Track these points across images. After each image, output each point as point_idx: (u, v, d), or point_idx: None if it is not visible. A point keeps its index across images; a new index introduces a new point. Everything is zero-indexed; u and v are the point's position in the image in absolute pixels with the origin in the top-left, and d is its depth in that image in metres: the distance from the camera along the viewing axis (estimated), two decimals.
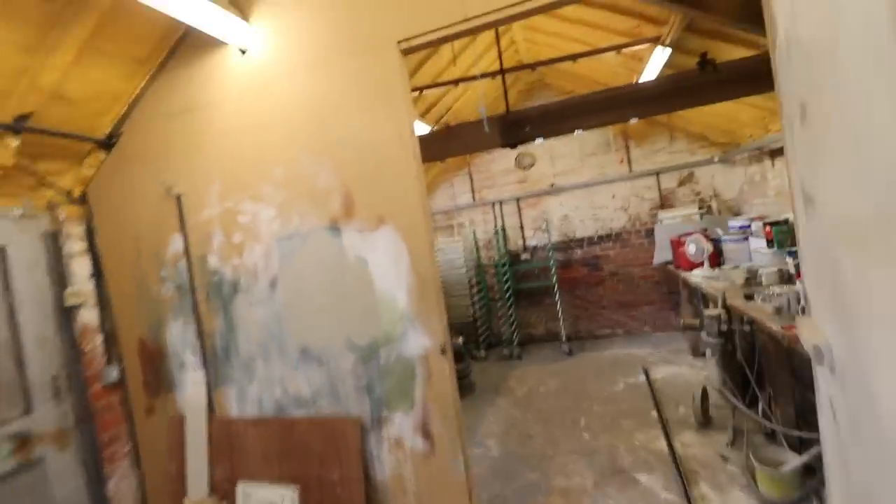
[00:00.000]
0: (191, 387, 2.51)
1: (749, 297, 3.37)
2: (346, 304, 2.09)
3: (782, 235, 3.97)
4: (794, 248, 3.58)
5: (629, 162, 6.38)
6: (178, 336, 2.53)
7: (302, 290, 2.18)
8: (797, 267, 3.48)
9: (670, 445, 3.45)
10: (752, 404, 3.35)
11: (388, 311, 2.02)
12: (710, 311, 3.30)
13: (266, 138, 2.19)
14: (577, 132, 2.68)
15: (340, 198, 2.06)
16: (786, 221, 4.02)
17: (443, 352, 1.96)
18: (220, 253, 2.33)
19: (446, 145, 2.89)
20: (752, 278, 3.89)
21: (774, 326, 2.70)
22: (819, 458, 2.44)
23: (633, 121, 2.66)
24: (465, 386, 5.32)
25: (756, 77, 2.35)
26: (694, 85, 2.41)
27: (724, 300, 3.51)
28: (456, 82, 4.07)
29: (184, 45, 2.40)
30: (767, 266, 3.93)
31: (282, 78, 2.18)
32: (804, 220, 1.30)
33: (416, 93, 4.16)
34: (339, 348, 2.13)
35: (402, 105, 1.96)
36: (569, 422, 4.19)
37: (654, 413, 4.07)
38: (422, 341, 1.99)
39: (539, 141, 2.77)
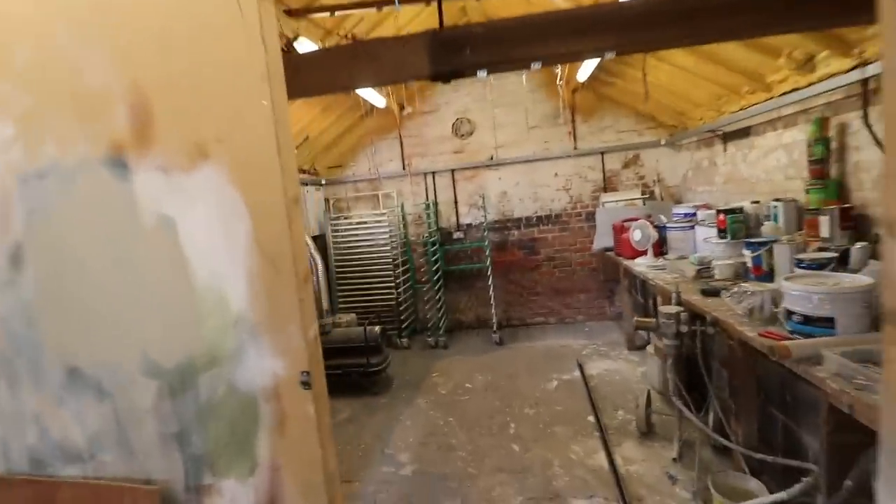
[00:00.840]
0: None
1: (708, 294, 2.91)
2: (141, 298, 1.22)
3: (737, 225, 3.59)
4: (751, 240, 3.17)
5: (574, 138, 5.86)
6: None
7: (66, 270, 1.26)
8: (756, 260, 3.09)
9: (611, 461, 2.96)
10: (699, 412, 2.94)
11: (214, 312, 1.18)
12: (667, 309, 2.80)
13: None
14: (534, 66, 1.95)
15: (128, 109, 1.15)
16: (741, 210, 3.64)
17: (305, 384, 1.16)
18: None
19: (351, 67, 2.03)
20: (704, 271, 3.49)
21: (748, 332, 2.21)
22: (803, 496, 2.00)
23: (609, 55, 1.97)
24: (381, 381, 4.58)
25: None
26: (719, 5, 1.74)
27: (678, 296, 3.04)
28: (377, 5, 3.17)
29: None
30: (720, 258, 3.55)
31: None
32: None
33: (321, 14, 3.21)
34: (132, 371, 1.25)
35: None
36: (497, 428, 3.60)
37: (592, 418, 3.59)
38: (269, 365, 1.18)
39: (482, 75, 2.00)
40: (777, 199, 3.43)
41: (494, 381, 4.47)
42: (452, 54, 1.96)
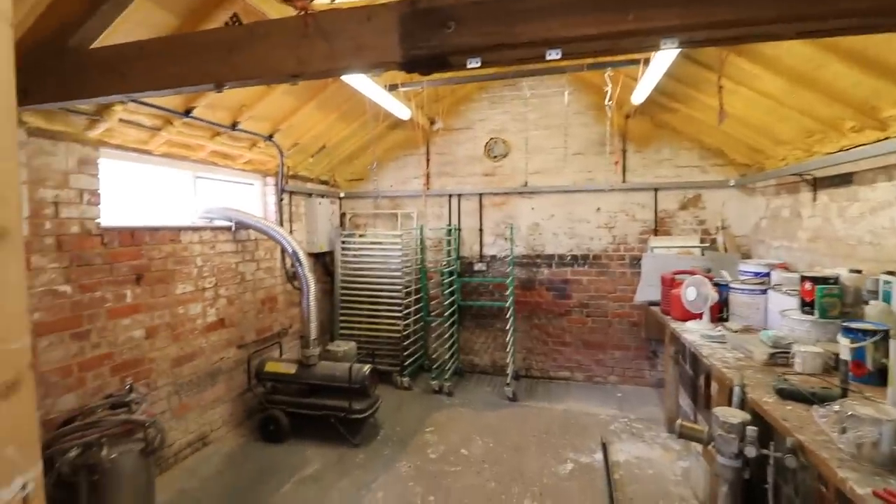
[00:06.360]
0: None
1: (787, 396, 2.09)
2: None
3: (829, 300, 2.71)
4: (852, 324, 2.30)
5: (624, 170, 5.09)
6: None
7: None
8: (858, 354, 2.22)
9: None
10: None
11: None
12: (726, 413, 1.99)
13: None
14: (551, 54, 1.31)
15: None
16: (835, 280, 2.76)
17: None
18: None
19: (299, 49, 1.48)
20: (780, 356, 2.62)
21: (854, 482, 1.42)
22: None
23: (668, 46, 1.30)
24: (364, 429, 3.95)
25: None
26: None
27: (743, 393, 2.22)
28: None
29: None
30: (803, 341, 2.67)
31: None
32: None
33: None
34: None
35: None
36: None
37: None
38: None
39: (474, 64, 1.38)
40: (891, 273, 2.53)
41: (496, 452, 3.71)
42: (431, 32, 1.37)
